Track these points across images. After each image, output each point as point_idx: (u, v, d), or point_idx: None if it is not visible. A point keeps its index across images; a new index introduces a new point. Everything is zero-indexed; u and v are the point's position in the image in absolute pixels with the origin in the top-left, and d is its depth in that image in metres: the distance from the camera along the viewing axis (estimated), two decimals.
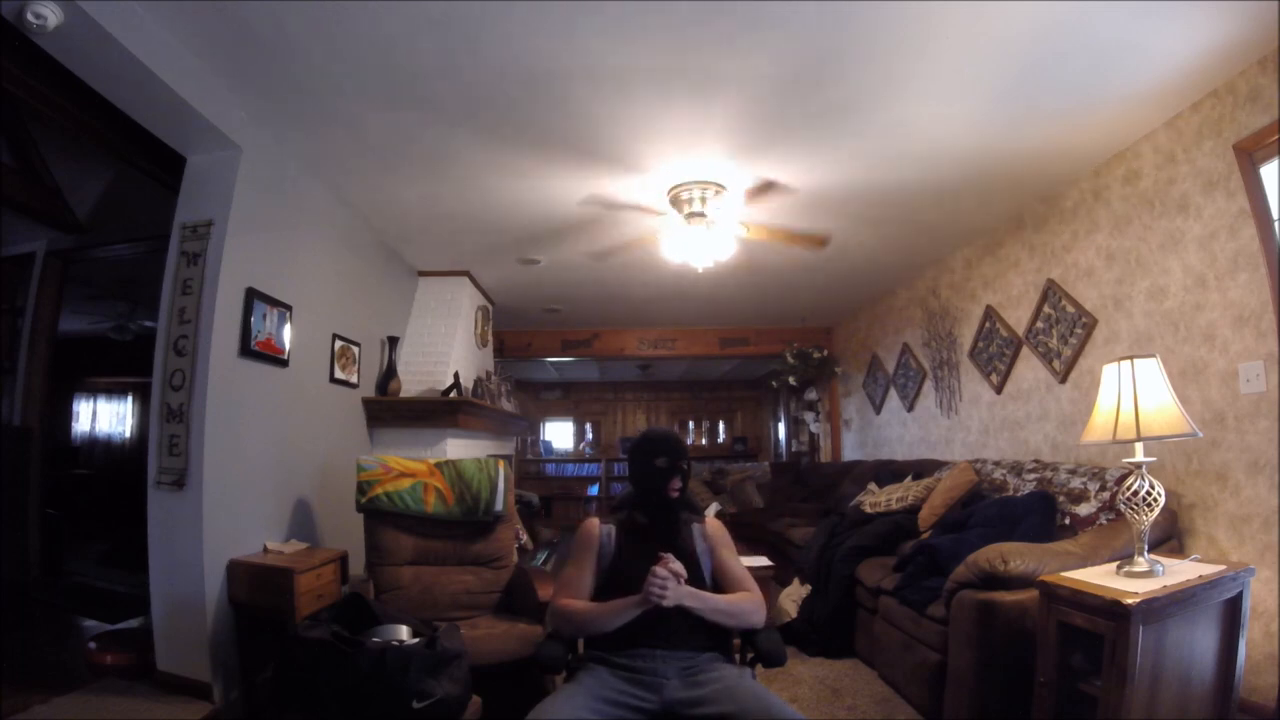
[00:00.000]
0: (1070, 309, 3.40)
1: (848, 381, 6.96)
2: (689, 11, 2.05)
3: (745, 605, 1.72)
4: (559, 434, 11.56)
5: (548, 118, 2.69)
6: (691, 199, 3.36)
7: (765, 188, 3.39)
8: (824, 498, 5.91)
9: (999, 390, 4.08)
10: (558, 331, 7.20)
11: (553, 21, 2.09)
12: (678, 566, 1.61)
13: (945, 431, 4.83)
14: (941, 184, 3.40)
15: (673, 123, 2.75)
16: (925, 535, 3.41)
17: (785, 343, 7.16)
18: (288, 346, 3.01)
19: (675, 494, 1.81)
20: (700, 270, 3.70)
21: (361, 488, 2.75)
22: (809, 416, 7.70)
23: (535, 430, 11.16)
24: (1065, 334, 3.45)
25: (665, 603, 1.58)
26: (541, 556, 5.12)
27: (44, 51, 1.98)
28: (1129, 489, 1.95)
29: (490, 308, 5.78)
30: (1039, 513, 2.83)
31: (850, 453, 6.89)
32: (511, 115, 2.67)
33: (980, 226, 4.11)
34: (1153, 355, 2.00)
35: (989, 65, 2.35)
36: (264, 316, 2.83)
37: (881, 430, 6.05)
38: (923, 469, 4.37)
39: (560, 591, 1.78)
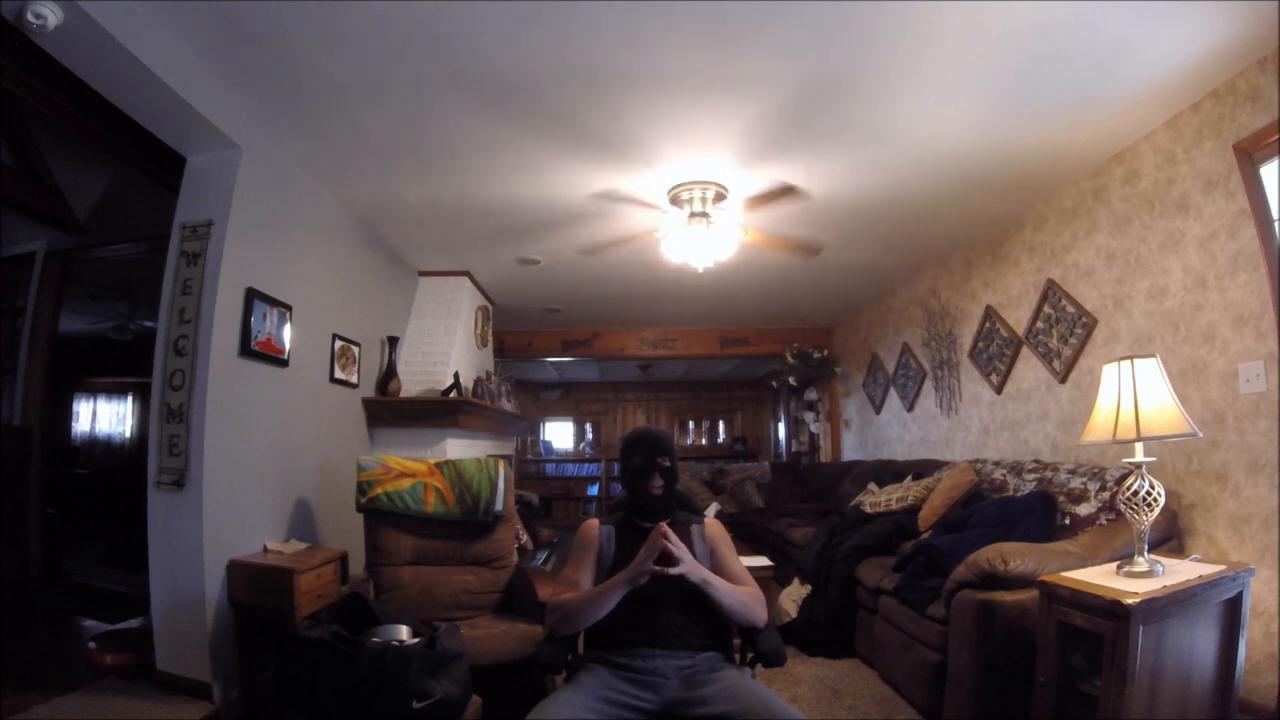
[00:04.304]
0: (1070, 309, 3.40)
1: (848, 381, 6.96)
2: (688, 12, 2.05)
3: (750, 598, 1.72)
4: (559, 434, 11.55)
5: (548, 117, 2.69)
6: (692, 199, 3.36)
7: (765, 187, 3.39)
8: (824, 498, 5.91)
9: (999, 390, 4.08)
10: (558, 331, 7.20)
11: (550, 22, 2.09)
12: (674, 538, 1.62)
13: (945, 431, 4.83)
14: (942, 184, 3.40)
15: (673, 123, 2.74)
16: (925, 535, 3.41)
17: (785, 343, 7.16)
18: (288, 346, 3.01)
19: (657, 492, 1.80)
20: (700, 270, 3.70)
21: (361, 488, 2.74)
22: (809, 416, 7.70)
23: (535, 430, 11.16)
24: (1065, 334, 3.45)
25: (675, 569, 1.58)
26: (541, 556, 5.12)
27: (44, 51, 1.98)
28: (1129, 489, 1.95)
29: (490, 308, 5.78)
30: (1039, 513, 2.83)
31: (850, 453, 6.89)
32: (511, 114, 2.67)
33: (980, 226, 4.11)
34: (1153, 355, 2.00)
35: (989, 65, 2.35)
36: (264, 316, 2.83)
37: (881, 430, 6.05)
38: (923, 469, 4.37)
39: (559, 592, 1.78)
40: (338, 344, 3.59)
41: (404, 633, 1.90)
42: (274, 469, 2.92)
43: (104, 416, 8.02)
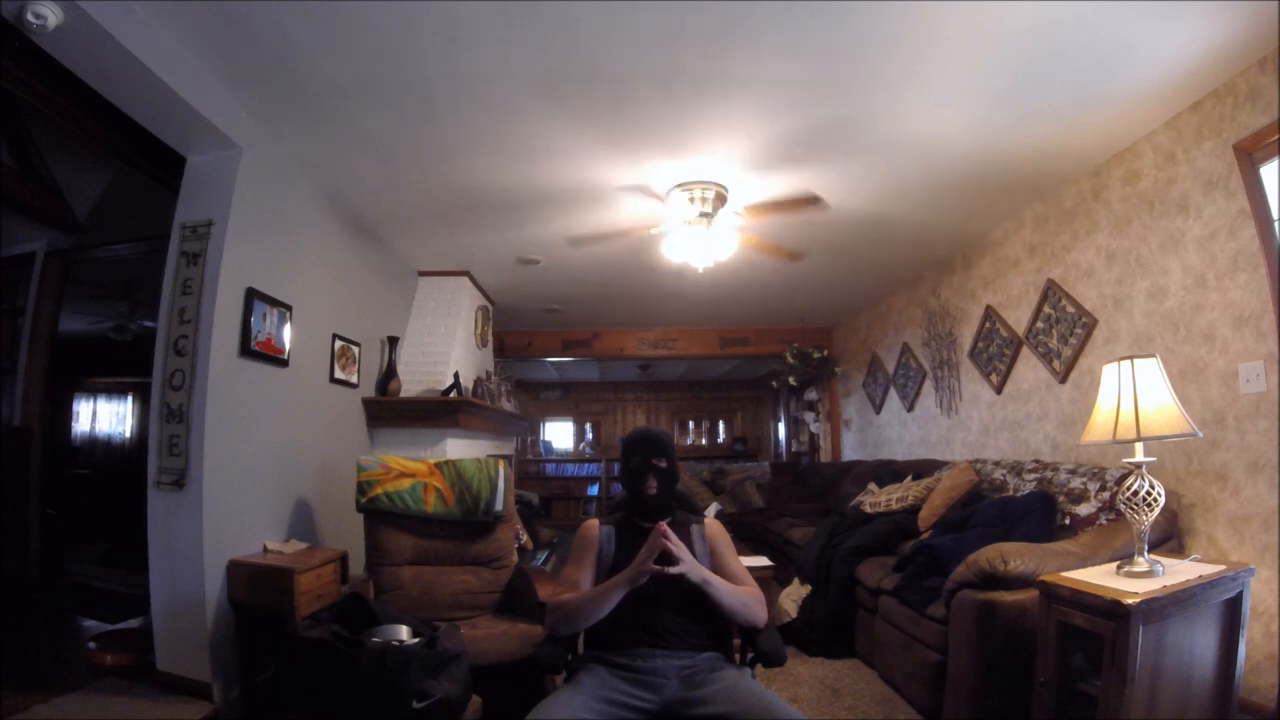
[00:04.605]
0: (1070, 309, 3.40)
1: (848, 381, 6.96)
2: (689, 12, 2.05)
3: (750, 598, 1.72)
4: (559, 434, 11.55)
5: (546, 118, 2.69)
6: (692, 199, 3.36)
7: (766, 187, 3.40)
8: (824, 498, 5.91)
9: (999, 390, 4.08)
10: (558, 331, 7.20)
11: (549, 22, 2.09)
12: (674, 538, 1.62)
13: (945, 431, 4.83)
14: (942, 184, 3.40)
15: (674, 122, 2.74)
16: (925, 535, 3.41)
17: (785, 343, 7.16)
18: (288, 346, 3.01)
19: (652, 493, 1.81)
20: (700, 270, 3.70)
21: (361, 488, 2.74)
22: (809, 416, 7.70)
23: (535, 430, 11.16)
24: (1065, 334, 3.45)
25: (675, 569, 1.58)
26: (541, 556, 5.12)
27: (44, 51, 1.98)
28: (1129, 489, 1.95)
29: (490, 308, 5.78)
30: (1039, 513, 2.83)
31: (850, 453, 6.89)
32: (510, 115, 2.67)
33: (980, 226, 4.11)
34: (1153, 355, 2.00)
35: (989, 65, 2.35)
36: (264, 316, 2.83)
37: (881, 430, 6.05)
38: (923, 469, 4.37)
39: (559, 592, 1.78)
40: (338, 344, 3.59)
41: (404, 633, 1.90)
42: (274, 469, 2.92)
43: (104, 416, 8.02)
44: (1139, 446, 1.96)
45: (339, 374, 3.61)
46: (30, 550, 3.85)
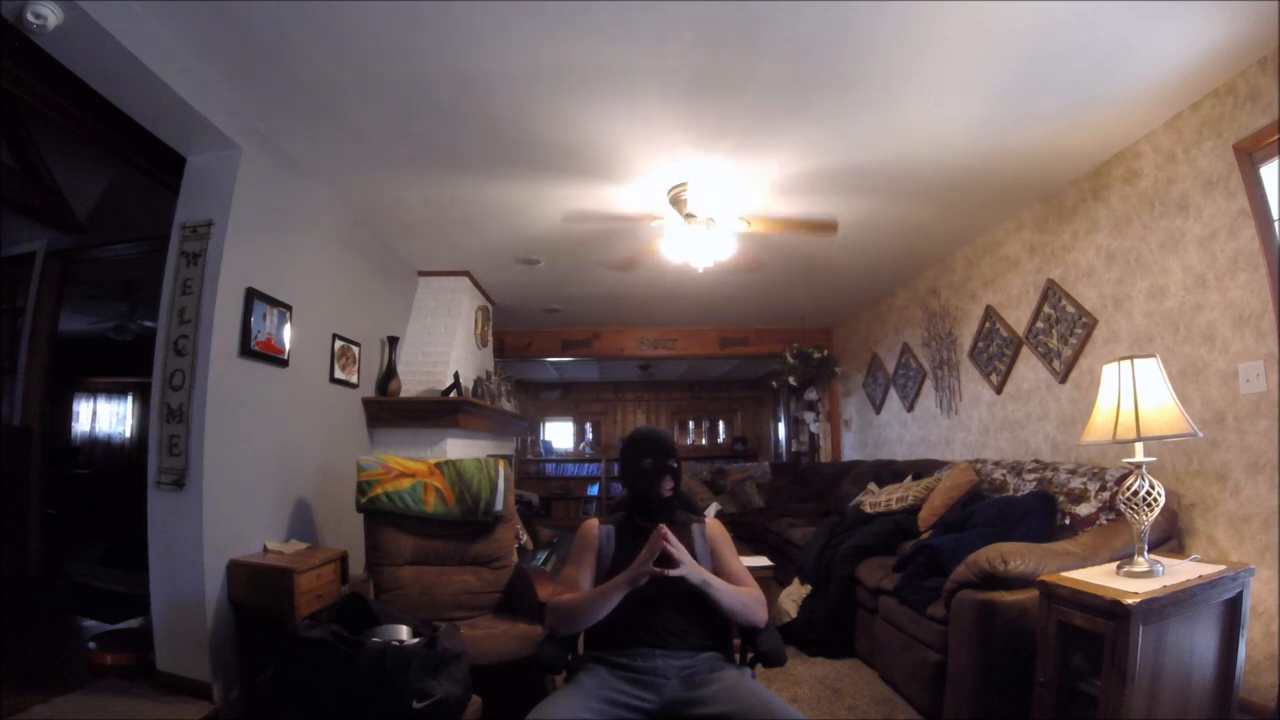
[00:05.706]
0: (1070, 309, 3.40)
1: (848, 381, 6.96)
2: (689, 12, 2.05)
3: (751, 598, 1.72)
4: (559, 434, 11.55)
5: (547, 116, 2.69)
6: (691, 199, 3.36)
7: (764, 190, 3.40)
8: (824, 498, 5.91)
9: (999, 390, 4.08)
10: (558, 331, 7.20)
11: (551, 21, 2.09)
12: (674, 541, 1.62)
13: (945, 431, 4.83)
14: (942, 184, 3.40)
15: (672, 122, 2.74)
16: (925, 535, 3.41)
17: (785, 343, 7.16)
18: (288, 346, 3.01)
19: (667, 494, 1.81)
20: (700, 270, 3.70)
21: (361, 488, 2.74)
22: (809, 416, 7.70)
23: (535, 430, 11.16)
24: (1065, 334, 3.45)
25: (675, 571, 1.58)
26: (541, 556, 5.12)
27: (44, 51, 1.98)
28: (1129, 489, 1.95)
29: (490, 308, 5.78)
30: (1039, 513, 2.83)
31: (850, 453, 6.89)
32: (511, 115, 2.67)
33: (980, 226, 4.11)
34: (1153, 355, 2.00)
35: (989, 65, 2.35)
36: (264, 316, 2.83)
37: (881, 430, 6.05)
38: (923, 469, 4.37)
39: (559, 592, 1.78)
40: (338, 344, 3.59)
41: (404, 633, 1.90)
42: (274, 469, 2.92)
43: (104, 416, 8.02)
44: (1139, 446, 1.96)
45: (339, 374, 3.61)
46: (30, 550, 3.85)
